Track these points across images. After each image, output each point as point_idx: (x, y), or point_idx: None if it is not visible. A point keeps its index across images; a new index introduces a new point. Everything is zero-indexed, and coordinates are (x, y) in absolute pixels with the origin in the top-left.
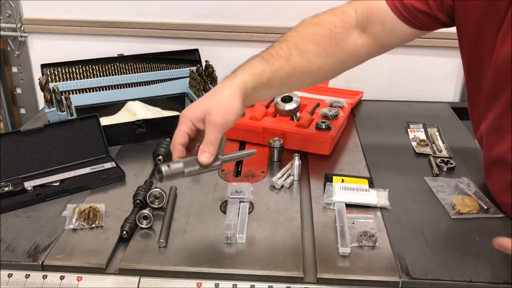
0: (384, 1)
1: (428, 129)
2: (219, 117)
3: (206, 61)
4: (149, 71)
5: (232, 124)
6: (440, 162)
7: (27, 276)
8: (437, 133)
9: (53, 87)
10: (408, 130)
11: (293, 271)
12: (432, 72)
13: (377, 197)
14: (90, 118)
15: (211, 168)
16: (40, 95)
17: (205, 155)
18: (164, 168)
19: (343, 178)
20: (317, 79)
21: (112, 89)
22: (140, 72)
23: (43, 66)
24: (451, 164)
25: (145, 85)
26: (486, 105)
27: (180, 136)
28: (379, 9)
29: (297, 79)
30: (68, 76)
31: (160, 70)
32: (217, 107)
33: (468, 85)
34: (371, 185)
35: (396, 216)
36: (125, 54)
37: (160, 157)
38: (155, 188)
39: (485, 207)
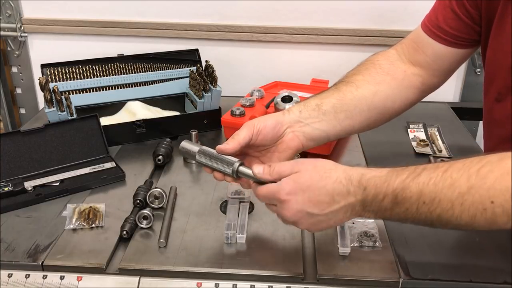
0: (419, 28)
1: (428, 129)
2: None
3: (206, 61)
4: (149, 71)
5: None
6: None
7: (27, 276)
8: (437, 133)
9: (53, 87)
10: (408, 130)
11: (293, 271)
12: None
13: None
14: (90, 118)
15: (220, 167)
16: (40, 95)
17: (224, 144)
18: (182, 143)
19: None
20: (378, 109)
21: (112, 89)
22: (140, 72)
23: (43, 66)
24: None
25: (145, 85)
26: (484, 97)
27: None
28: (417, 38)
29: (352, 105)
30: (68, 76)
31: (160, 70)
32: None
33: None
34: None
35: None
36: (125, 54)
37: (160, 157)
38: (155, 188)
39: None
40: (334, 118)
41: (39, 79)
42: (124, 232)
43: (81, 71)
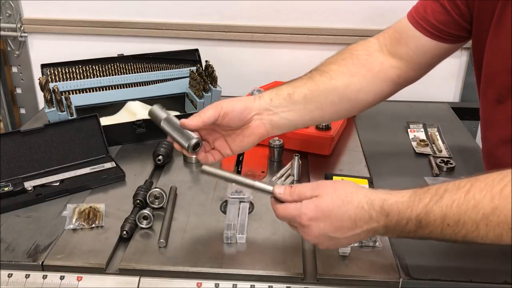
0: (405, 18)
1: (428, 129)
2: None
3: (206, 61)
4: (149, 71)
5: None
6: (440, 162)
7: (27, 276)
8: (437, 133)
9: (53, 87)
10: (408, 130)
11: (293, 271)
12: (432, 72)
13: None
14: (90, 118)
15: (179, 140)
16: (40, 95)
17: (188, 119)
18: (153, 106)
19: (343, 178)
20: (350, 101)
21: (112, 89)
22: (140, 72)
23: (43, 66)
24: (451, 164)
25: (145, 85)
26: (481, 99)
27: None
28: (401, 29)
29: (323, 96)
30: (68, 76)
31: (160, 70)
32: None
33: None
34: (371, 185)
35: None
36: (125, 54)
37: (160, 157)
38: (155, 188)
39: None
40: (304, 108)
41: (39, 79)
42: (124, 232)
43: (81, 71)
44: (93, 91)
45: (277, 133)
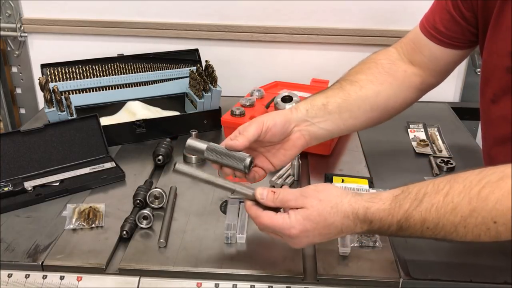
0: (418, 28)
1: (428, 129)
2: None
3: (206, 61)
4: (149, 71)
5: (266, 134)
6: (440, 162)
7: (27, 276)
8: (437, 133)
9: (53, 87)
10: (408, 130)
11: (293, 271)
12: None
13: None
14: (90, 118)
15: (231, 164)
16: (40, 95)
17: (234, 141)
18: (189, 140)
19: (343, 178)
20: (380, 108)
21: (112, 89)
22: (140, 72)
23: (43, 66)
24: (451, 164)
25: (145, 85)
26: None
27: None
28: (415, 38)
29: (356, 105)
30: (68, 76)
31: (160, 70)
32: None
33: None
34: (371, 185)
35: None
36: (125, 54)
37: (160, 157)
38: (155, 188)
39: None
40: (339, 118)
41: (39, 79)
42: (124, 232)
43: (81, 71)
44: (93, 91)
45: (314, 143)
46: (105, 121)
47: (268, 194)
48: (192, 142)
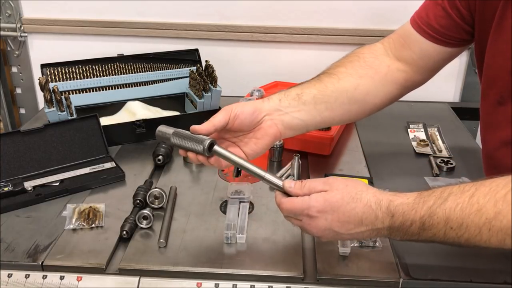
0: (408, 23)
1: (428, 129)
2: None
3: (206, 61)
4: (149, 71)
5: (234, 121)
6: (440, 162)
7: (27, 276)
8: (437, 133)
9: (53, 87)
10: (408, 130)
11: (293, 271)
12: None
13: None
14: (90, 118)
15: (191, 146)
16: (40, 95)
17: (199, 125)
18: (159, 127)
19: (343, 178)
20: (358, 102)
21: (112, 89)
22: (140, 72)
23: (43, 66)
24: (451, 164)
25: (145, 85)
26: (482, 100)
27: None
28: (405, 34)
29: (333, 97)
30: (68, 76)
31: (160, 70)
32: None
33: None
34: (371, 185)
35: None
36: (125, 54)
37: (160, 157)
38: (155, 188)
39: None
40: (314, 109)
41: (39, 79)
42: (124, 232)
43: (81, 71)
44: (93, 91)
45: (290, 134)
46: (105, 121)
47: (296, 183)
48: (161, 128)
